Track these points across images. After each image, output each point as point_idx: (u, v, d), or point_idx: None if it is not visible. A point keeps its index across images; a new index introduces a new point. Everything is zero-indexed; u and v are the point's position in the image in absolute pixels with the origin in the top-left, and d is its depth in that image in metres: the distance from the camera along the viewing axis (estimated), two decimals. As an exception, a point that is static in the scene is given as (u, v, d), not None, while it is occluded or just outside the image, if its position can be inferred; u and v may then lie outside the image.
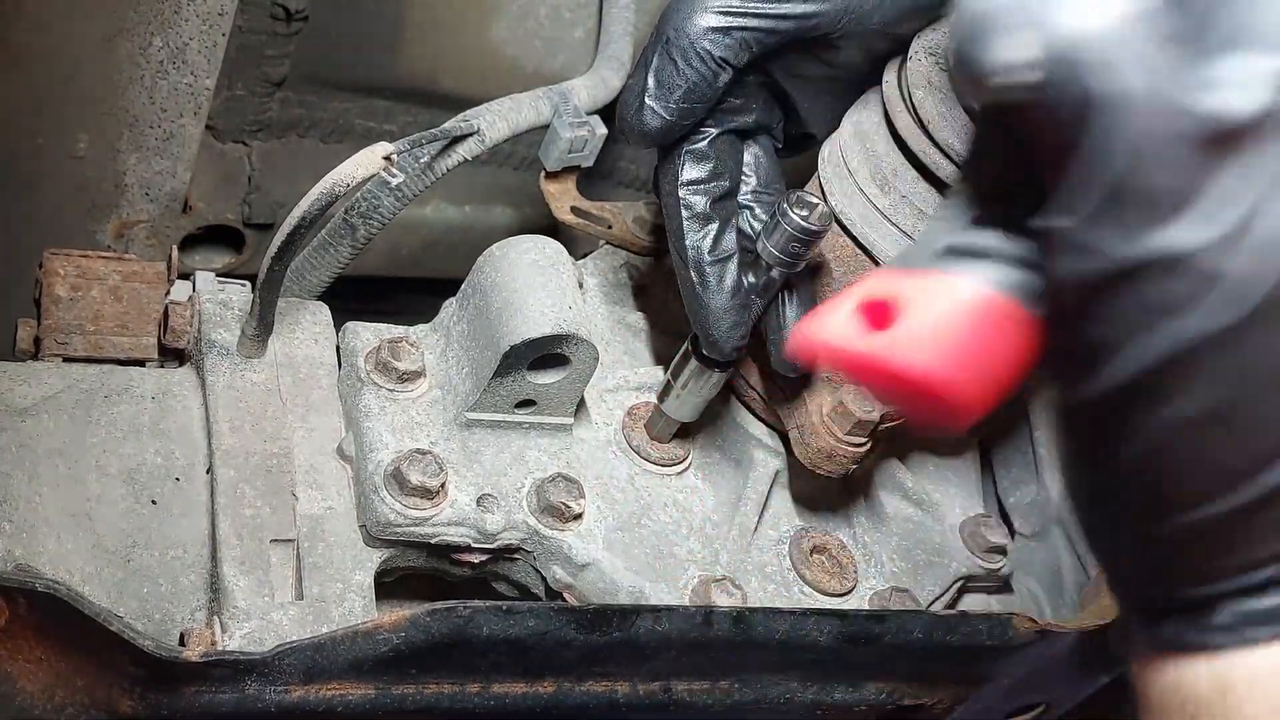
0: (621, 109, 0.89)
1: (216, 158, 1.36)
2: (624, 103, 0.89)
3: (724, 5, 0.85)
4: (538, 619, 0.85)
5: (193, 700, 0.79)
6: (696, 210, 0.91)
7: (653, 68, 0.87)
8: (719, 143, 0.91)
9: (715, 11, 0.85)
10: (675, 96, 0.87)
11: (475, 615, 0.83)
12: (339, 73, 1.37)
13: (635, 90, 0.88)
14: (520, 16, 1.40)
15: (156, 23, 1.18)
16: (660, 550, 0.99)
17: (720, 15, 0.85)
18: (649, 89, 0.87)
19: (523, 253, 0.96)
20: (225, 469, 0.91)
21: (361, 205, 1.13)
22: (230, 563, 0.87)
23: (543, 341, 0.92)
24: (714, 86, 0.87)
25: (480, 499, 0.94)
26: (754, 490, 1.03)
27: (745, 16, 0.85)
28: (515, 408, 0.97)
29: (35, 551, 0.87)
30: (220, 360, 0.97)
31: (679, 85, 0.86)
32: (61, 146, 1.24)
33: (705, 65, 0.86)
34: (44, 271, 1.03)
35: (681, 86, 0.86)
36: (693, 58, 0.86)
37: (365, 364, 0.97)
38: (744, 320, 0.92)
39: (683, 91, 0.86)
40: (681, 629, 0.89)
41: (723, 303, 0.91)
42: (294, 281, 1.15)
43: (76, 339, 1.01)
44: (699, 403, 1.00)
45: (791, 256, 0.89)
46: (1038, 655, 1.03)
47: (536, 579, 0.98)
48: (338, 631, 0.80)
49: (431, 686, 0.86)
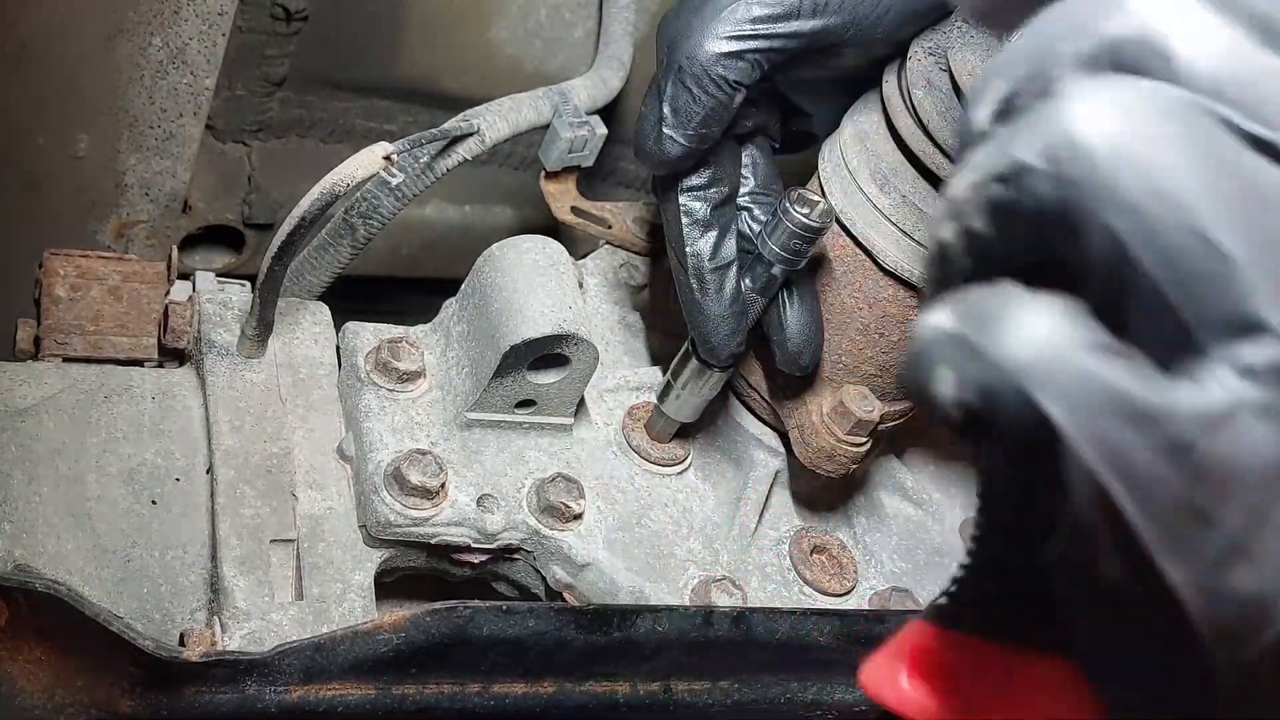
0: (640, 139, 0.89)
1: (216, 158, 1.36)
2: (641, 132, 0.89)
3: (735, 31, 0.85)
4: (538, 619, 0.85)
5: (193, 700, 0.79)
6: (696, 217, 0.91)
7: (667, 96, 0.87)
8: (718, 149, 0.91)
9: (726, 37, 0.85)
10: (694, 124, 0.87)
11: (475, 615, 0.83)
12: (339, 73, 1.37)
13: (652, 120, 0.88)
14: (520, 16, 1.40)
15: (156, 23, 1.18)
16: (660, 550, 0.99)
17: (731, 41, 0.85)
18: (666, 118, 0.87)
19: (523, 253, 0.96)
20: (225, 469, 0.91)
21: (361, 205, 1.13)
22: (230, 563, 0.87)
23: (543, 341, 0.92)
24: (730, 109, 0.87)
25: (480, 499, 0.94)
26: (754, 490, 1.03)
27: (756, 39, 0.85)
28: (515, 408, 0.97)
29: (35, 551, 0.87)
30: (220, 360, 0.97)
31: (696, 113, 0.86)
32: (61, 146, 1.24)
33: (721, 91, 0.86)
34: (44, 271, 1.03)
35: (699, 114, 0.87)
36: (708, 84, 0.86)
37: (365, 364, 0.97)
38: (741, 327, 0.93)
39: (700, 118, 0.87)
40: (681, 629, 0.89)
41: (721, 310, 0.92)
42: (294, 281, 1.15)
43: (76, 339, 1.01)
44: (699, 403, 1.00)
45: (793, 254, 0.89)
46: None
47: (536, 579, 0.98)
48: (338, 631, 0.80)
49: (431, 686, 0.86)
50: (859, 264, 0.94)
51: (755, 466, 1.04)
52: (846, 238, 0.94)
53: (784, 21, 0.85)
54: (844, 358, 0.98)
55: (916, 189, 0.91)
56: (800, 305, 0.93)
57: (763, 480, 1.04)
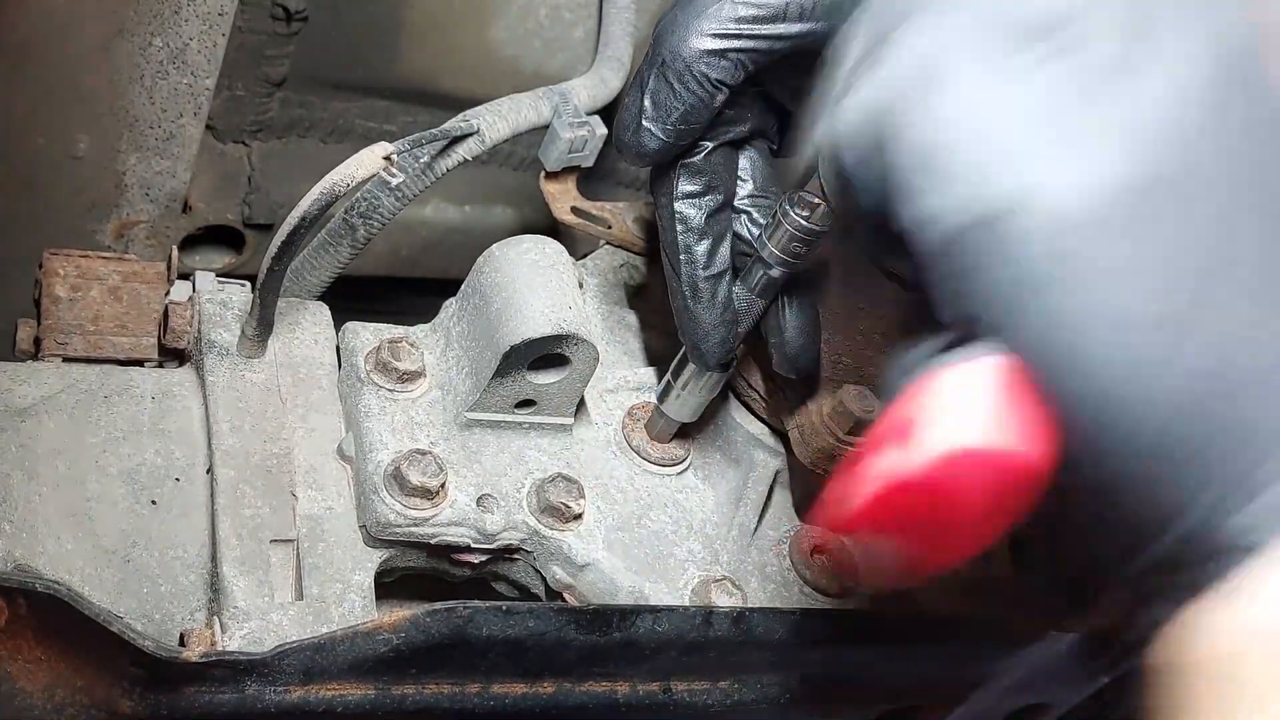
0: (619, 129, 0.89)
1: (216, 158, 1.36)
2: (621, 123, 0.89)
3: (719, 28, 0.85)
4: (538, 619, 0.85)
5: (193, 700, 0.79)
6: (692, 224, 0.91)
7: (649, 90, 0.87)
8: (714, 156, 0.91)
9: (711, 35, 0.85)
10: (673, 119, 0.87)
11: (475, 615, 0.83)
12: (339, 73, 1.37)
13: (632, 111, 0.88)
14: (520, 17, 1.40)
15: (156, 23, 1.18)
16: (660, 550, 0.99)
17: (716, 39, 0.85)
18: (646, 111, 0.87)
19: (523, 253, 0.96)
20: (225, 469, 0.91)
21: (361, 205, 1.13)
22: (230, 563, 0.87)
23: (543, 341, 0.92)
24: (710, 108, 0.87)
25: (480, 499, 0.94)
26: (754, 490, 1.03)
27: (741, 39, 0.85)
28: (515, 408, 0.97)
29: (35, 551, 0.87)
30: (220, 360, 0.97)
31: (676, 108, 0.86)
32: (61, 146, 1.24)
33: (702, 88, 0.86)
34: (44, 271, 1.03)
35: (679, 109, 0.86)
36: (689, 81, 0.85)
37: (365, 364, 0.97)
38: (733, 335, 0.93)
39: (680, 114, 0.86)
40: (681, 629, 0.89)
41: (714, 318, 0.92)
42: (294, 281, 1.15)
43: (76, 339, 1.01)
44: (699, 403, 1.00)
45: (793, 256, 0.89)
46: (1038, 655, 1.03)
47: (536, 579, 0.98)
48: (338, 631, 0.80)
49: (431, 686, 0.86)
50: (859, 264, 0.94)
51: (755, 466, 1.04)
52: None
53: (769, 24, 0.85)
54: (844, 358, 0.98)
55: (916, 189, 0.91)
56: (798, 309, 0.93)
57: (763, 480, 1.04)
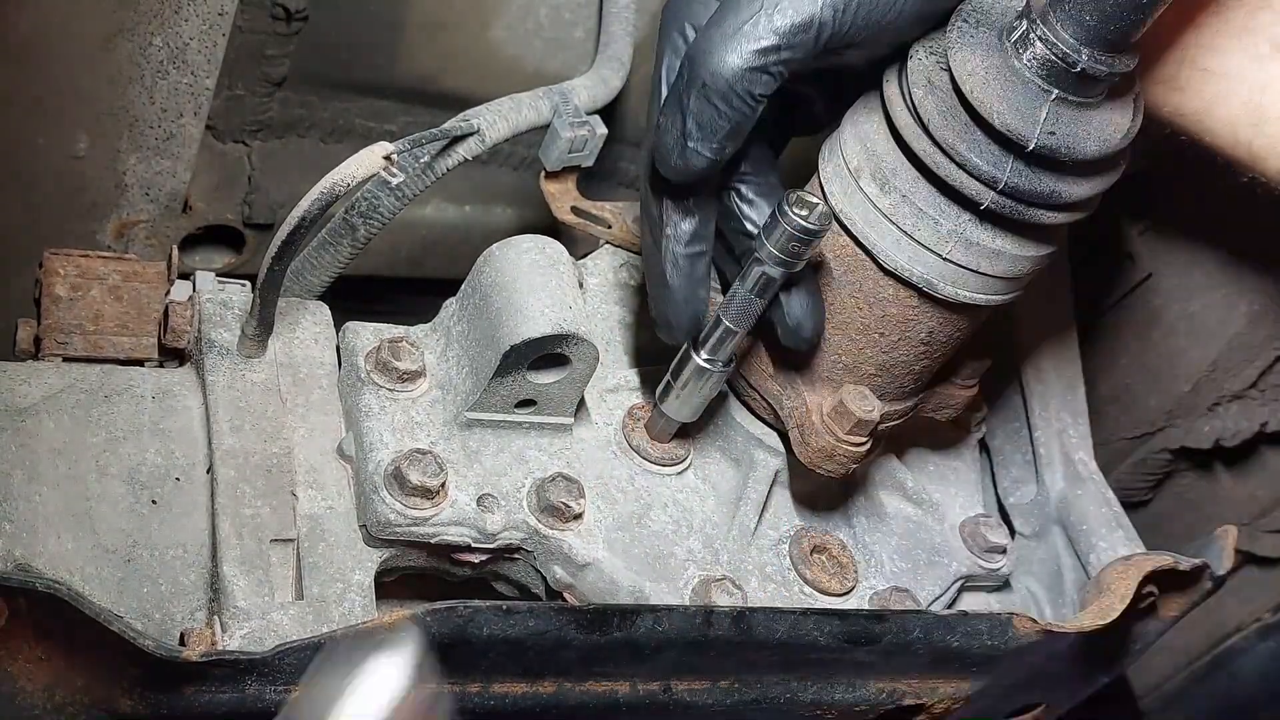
0: (661, 152, 0.89)
1: (216, 158, 1.36)
2: (663, 145, 0.88)
3: (758, 44, 0.84)
4: (538, 619, 0.85)
5: (193, 700, 0.79)
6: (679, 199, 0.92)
7: (691, 111, 0.86)
8: None
9: (751, 52, 0.84)
10: (719, 137, 0.87)
11: (475, 615, 0.83)
12: (339, 73, 1.37)
13: (674, 134, 0.87)
14: (520, 16, 1.40)
15: (156, 23, 1.18)
16: (660, 550, 0.99)
17: (756, 55, 0.84)
18: (690, 133, 0.87)
19: (523, 253, 0.96)
20: (225, 469, 0.92)
21: (361, 205, 1.13)
22: (230, 562, 0.87)
23: (543, 341, 0.92)
24: (753, 120, 0.87)
25: (480, 499, 0.94)
26: (754, 490, 1.03)
27: (780, 50, 0.85)
28: (515, 408, 0.97)
29: (35, 551, 0.87)
30: (220, 360, 0.97)
31: (722, 127, 0.86)
32: (61, 146, 1.24)
33: (746, 104, 0.86)
34: (44, 271, 1.03)
35: (725, 128, 0.86)
36: (733, 99, 0.85)
37: (365, 364, 0.97)
38: (702, 313, 0.94)
39: (726, 132, 0.87)
40: (681, 629, 0.89)
41: (688, 293, 0.93)
42: (294, 281, 1.15)
43: (76, 339, 1.01)
44: (699, 403, 1.00)
45: (791, 256, 0.89)
46: (1038, 655, 1.03)
47: (537, 579, 0.98)
48: (338, 631, 0.80)
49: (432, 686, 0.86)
50: (859, 264, 0.94)
51: (755, 466, 1.04)
52: (846, 238, 0.94)
53: (804, 32, 0.85)
54: (844, 357, 0.98)
55: (916, 189, 0.91)
56: (802, 298, 0.93)
57: (763, 480, 1.04)
